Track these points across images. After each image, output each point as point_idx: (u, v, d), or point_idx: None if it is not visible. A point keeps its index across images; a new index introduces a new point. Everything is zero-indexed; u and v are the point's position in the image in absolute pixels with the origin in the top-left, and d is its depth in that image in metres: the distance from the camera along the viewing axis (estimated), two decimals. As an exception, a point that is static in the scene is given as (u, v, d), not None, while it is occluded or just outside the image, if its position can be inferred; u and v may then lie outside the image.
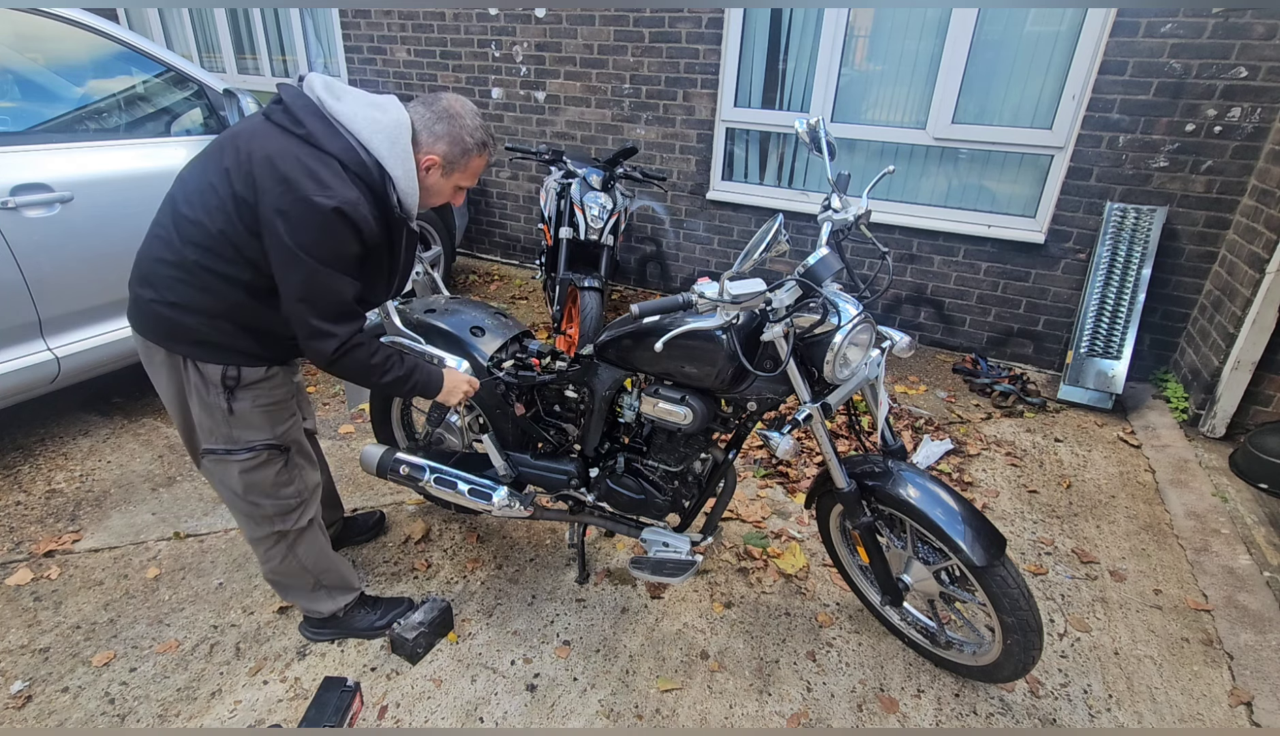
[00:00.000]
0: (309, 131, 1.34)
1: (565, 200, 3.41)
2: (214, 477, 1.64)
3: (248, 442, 1.58)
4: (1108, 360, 3.27)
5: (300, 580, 1.79)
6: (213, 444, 1.58)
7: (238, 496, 1.63)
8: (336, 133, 1.36)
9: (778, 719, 1.75)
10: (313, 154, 1.33)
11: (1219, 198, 3.14)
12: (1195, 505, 2.59)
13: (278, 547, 1.72)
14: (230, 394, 1.52)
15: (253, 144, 1.35)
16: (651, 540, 1.92)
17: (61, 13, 2.54)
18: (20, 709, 1.70)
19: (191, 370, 1.50)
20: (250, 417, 1.57)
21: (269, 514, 1.67)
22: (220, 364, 1.50)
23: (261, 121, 1.39)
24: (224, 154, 1.37)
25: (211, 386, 1.51)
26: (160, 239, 1.44)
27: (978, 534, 1.54)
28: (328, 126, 1.36)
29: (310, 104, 1.38)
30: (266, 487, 1.64)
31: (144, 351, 1.55)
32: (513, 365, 1.98)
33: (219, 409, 1.53)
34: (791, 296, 1.46)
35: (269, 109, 1.41)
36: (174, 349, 1.49)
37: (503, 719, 1.72)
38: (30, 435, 2.82)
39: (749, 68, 3.93)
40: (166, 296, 1.44)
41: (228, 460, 1.58)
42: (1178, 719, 1.77)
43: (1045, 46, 3.28)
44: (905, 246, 3.83)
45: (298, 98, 1.39)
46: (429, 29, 4.70)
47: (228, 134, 1.42)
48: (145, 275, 1.46)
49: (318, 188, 1.31)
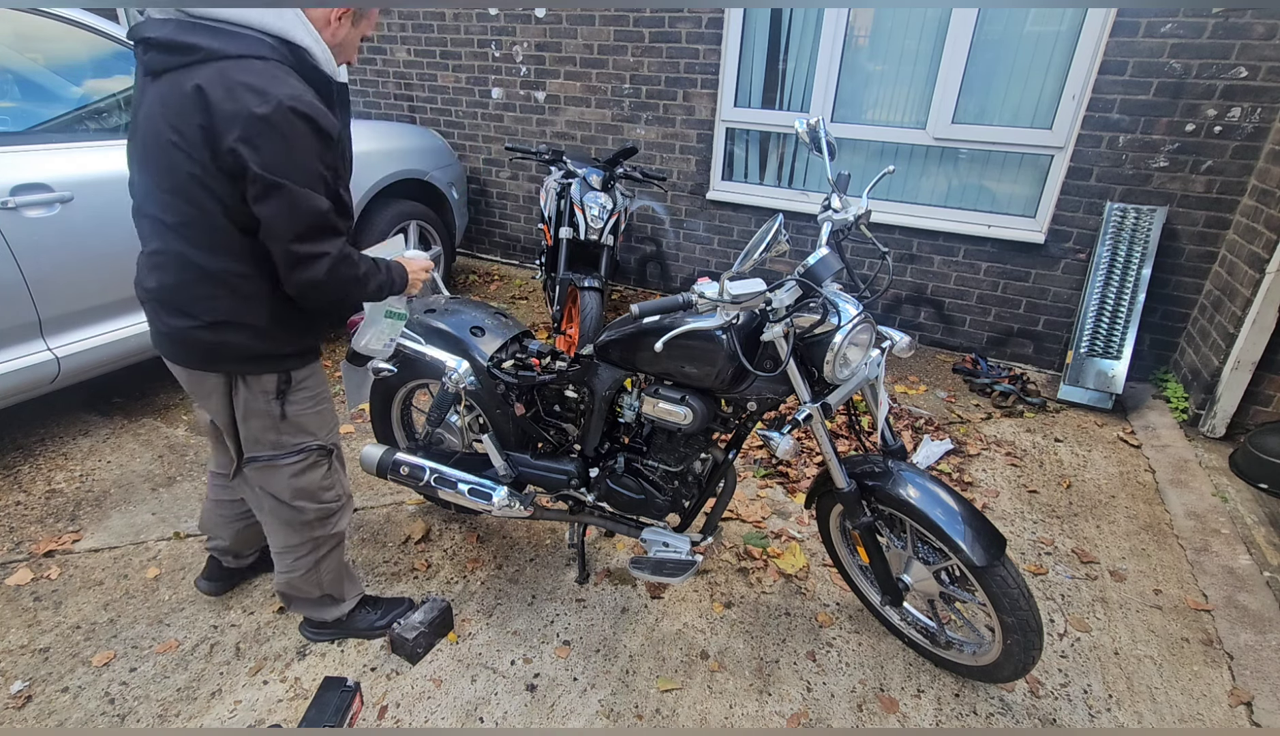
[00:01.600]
0: (206, 48, 1.21)
1: (565, 200, 3.41)
2: (254, 486, 1.62)
3: (295, 445, 1.57)
4: (1108, 360, 3.27)
5: (311, 592, 1.79)
6: (259, 451, 1.55)
7: (282, 503, 1.62)
8: (230, 34, 1.23)
9: (778, 719, 1.75)
10: (227, 68, 1.21)
11: (1219, 198, 3.14)
12: (1195, 505, 2.59)
13: (307, 558, 1.71)
14: (283, 399, 1.51)
15: (168, 102, 1.23)
16: (651, 540, 1.92)
17: (61, 13, 2.54)
18: (20, 709, 1.70)
19: (242, 386, 1.48)
20: (301, 420, 1.56)
21: (310, 519, 1.66)
22: (274, 373, 1.48)
23: (153, 80, 1.27)
24: (157, 138, 1.26)
25: (264, 394, 1.49)
26: (169, 260, 1.35)
27: (978, 534, 1.54)
28: (216, 32, 1.23)
29: (180, 23, 1.23)
30: (313, 491, 1.63)
31: (192, 380, 1.50)
32: (513, 365, 1.98)
33: (270, 416, 1.52)
34: (791, 296, 1.46)
35: (147, 63, 1.26)
36: (225, 369, 1.45)
37: (503, 719, 1.72)
38: (30, 435, 2.82)
39: (749, 68, 3.93)
40: (207, 318, 1.37)
41: (275, 466, 1.57)
42: (1178, 719, 1.77)
43: (1045, 46, 3.28)
44: (905, 246, 3.83)
45: (163, 26, 1.24)
46: (429, 29, 4.70)
47: (143, 119, 1.29)
48: (172, 303, 1.38)
49: (258, 98, 1.19)
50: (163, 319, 1.41)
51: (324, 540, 1.72)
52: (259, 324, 1.41)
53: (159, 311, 1.41)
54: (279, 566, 1.75)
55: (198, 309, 1.37)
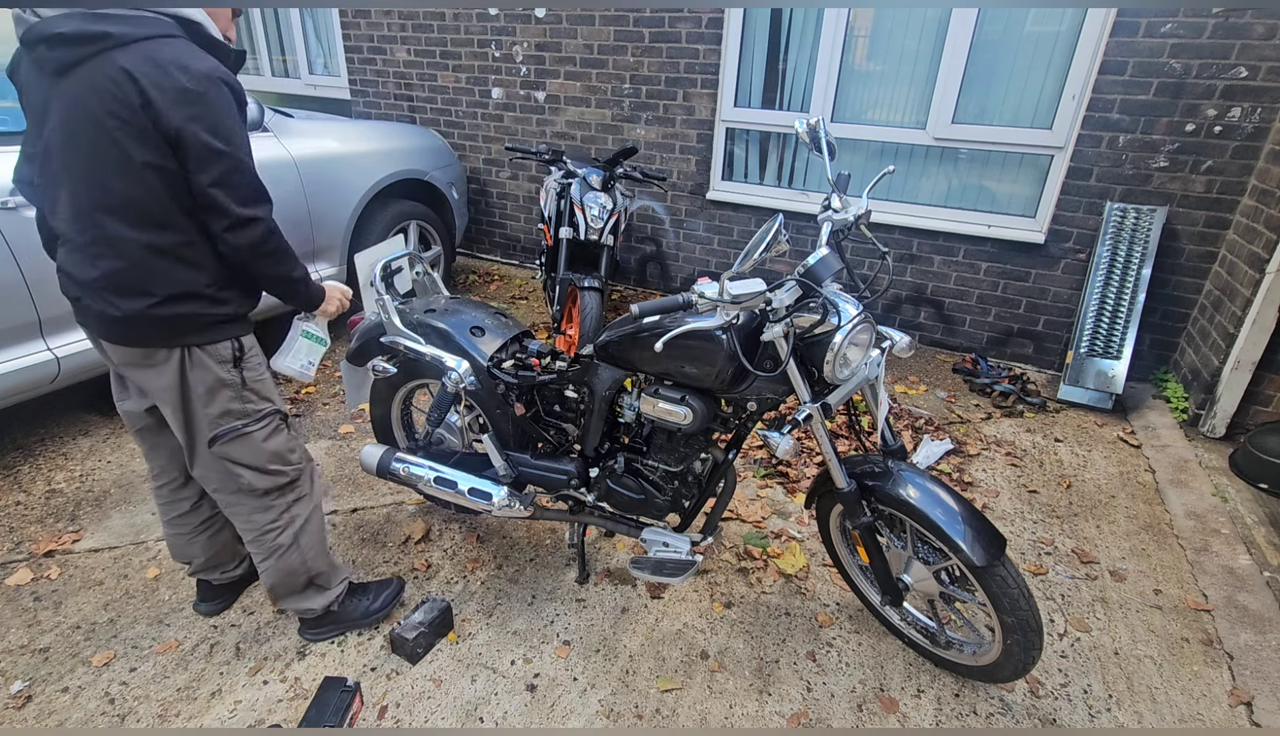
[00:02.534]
0: (117, 34, 1.26)
1: (565, 200, 3.41)
2: (224, 463, 1.61)
3: (260, 412, 1.61)
4: (1108, 360, 3.27)
5: (297, 575, 1.77)
6: (225, 424, 1.56)
7: (258, 471, 1.63)
8: (134, 18, 1.29)
9: (778, 719, 1.75)
10: (146, 48, 1.27)
11: (1219, 198, 3.14)
12: (1195, 505, 2.59)
13: (285, 533, 1.71)
14: (240, 366, 1.55)
15: (97, 91, 1.26)
16: (651, 540, 1.92)
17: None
18: (20, 709, 1.70)
19: (199, 358, 1.49)
20: (258, 386, 1.61)
21: (284, 483, 1.69)
22: (228, 339, 1.52)
23: (60, 77, 1.29)
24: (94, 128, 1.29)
25: (222, 364, 1.52)
26: (114, 246, 1.37)
27: (978, 534, 1.54)
28: (123, 18, 1.28)
29: (85, 14, 1.27)
30: (283, 454, 1.67)
31: (139, 360, 1.48)
32: (512, 365, 1.98)
33: (233, 385, 1.55)
34: (791, 296, 1.46)
35: (55, 60, 1.28)
36: (184, 342, 1.47)
37: (503, 719, 1.72)
38: (30, 435, 2.82)
39: (749, 68, 3.93)
40: (164, 292, 1.41)
41: (246, 434, 1.59)
42: (1178, 719, 1.77)
43: (1045, 46, 3.28)
44: (905, 246, 3.83)
45: (68, 20, 1.26)
46: (429, 29, 4.70)
47: (61, 117, 1.31)
48: (125, 286, 1.40)
49: (187, 74, 1.27)
50: (115, 304, 1.41)
51: (297, 508, 1.73)
52: (209, 291, 1.46)
53: (110, 298, 1.41)
54: (259, 557, 1.73)
55: (154, 285, 1.41)
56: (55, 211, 1.41)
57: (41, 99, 1.34)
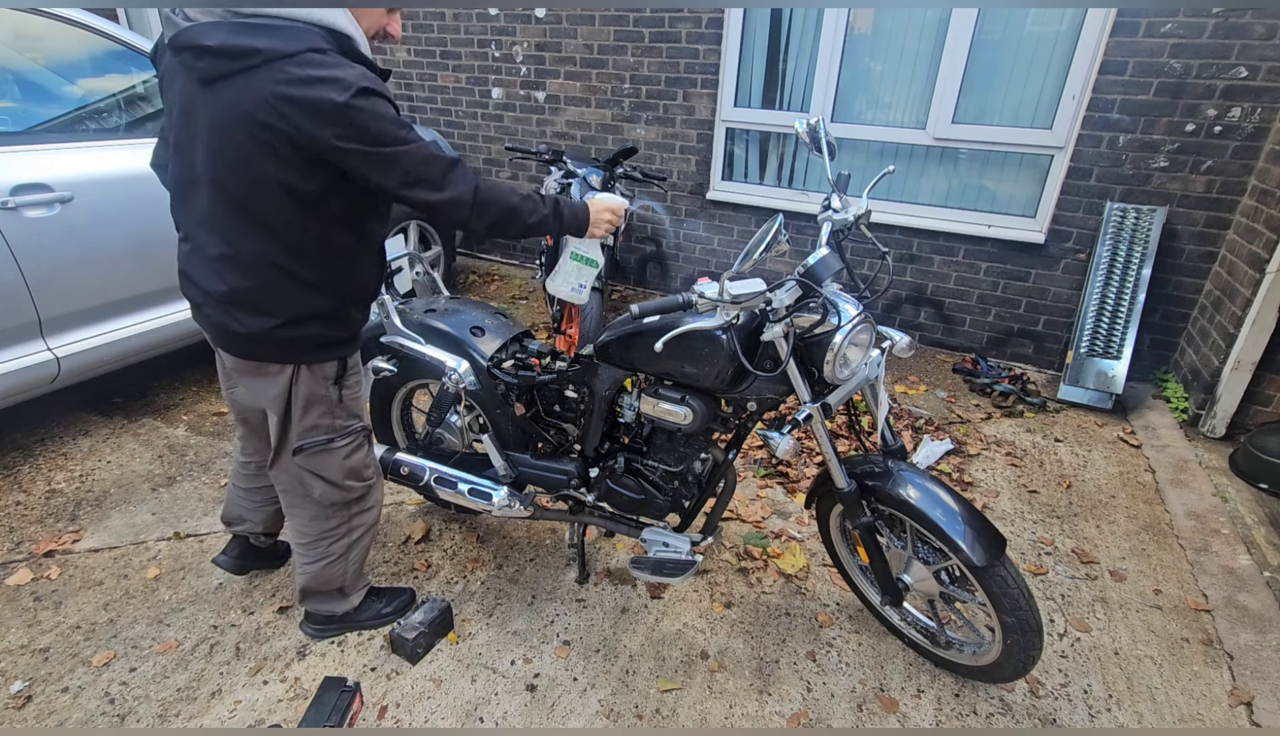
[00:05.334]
0: (265, 50, 1.20)
1: (565, 200, 3.40)
2: (301, 472, 1.63)
3: (347, 428, 1.63)
4: (1108, 360, 3.27)
5: (333, 582, 1.79)
6: (314, 437, 1.58)
7: (332, 485, 1.65)
8: (282, 29, 1.22)
9: (778, 719, 1.75)
10: (291, 66, 1.20)
11: (1219, 198, 3.14)
12: (1195, 505, 2.59)
13: (340, 542, 1.73)
14: (340, 384, 1.57)
15: (244, 108, 1.22)
16: (651, 540, 1.92)
17: (61, 13, 2.54)
18: (20, 709, 1.70)
19: (306, 374, 1.51)
20: (351, 404, 1.63)
21: (354, 497, 1.70)
22: (335, 359, 1.54)
23: (205, 86, 1.24)
24: (238, 145, 1.25)
25: (325, 381, 1.54)
26: (246, 263, 1.37)
27: (978, 534, 1.54)
28: (270, 30, 1.21)
29: (233, 25, 1.21)
30: (359, 470, 1.69)
31: (252, 370, 1.50)
32: (513, 365, 1.98)
33: (329, 401, 1.56)
34: (791, 296, 1.46)
35: (201, 70, 1.23)
36: (298, 360, 1.49)
37: (503, 719, 1.72)
38: (30, 435, 2.82)
39: (749, 68, 3.93)
40: (290, 314, 1.41)
41: (330, 449, 1.61)
42: (1178, 719, 1.77)
43: (1045, 46, 3.28)
44: (905, 246, 3.83)
45: (215, 31, 1.20)
46: (429, 29, 4.70)
47: (206, 127, 1.27)
48: (251, 304, 1.40)
49: (336, 88, 1.20)
50: (239, 319, 1.41)
51: (359, 521, 1.75)
52: (329, 313, 1.48)
53: (234, 313, 1.41)
54: (305, 559, 1.74)
55: (282, 308, 1.41)
56: (188, 208, 1.40)
57: (188, 99, 1.30)
